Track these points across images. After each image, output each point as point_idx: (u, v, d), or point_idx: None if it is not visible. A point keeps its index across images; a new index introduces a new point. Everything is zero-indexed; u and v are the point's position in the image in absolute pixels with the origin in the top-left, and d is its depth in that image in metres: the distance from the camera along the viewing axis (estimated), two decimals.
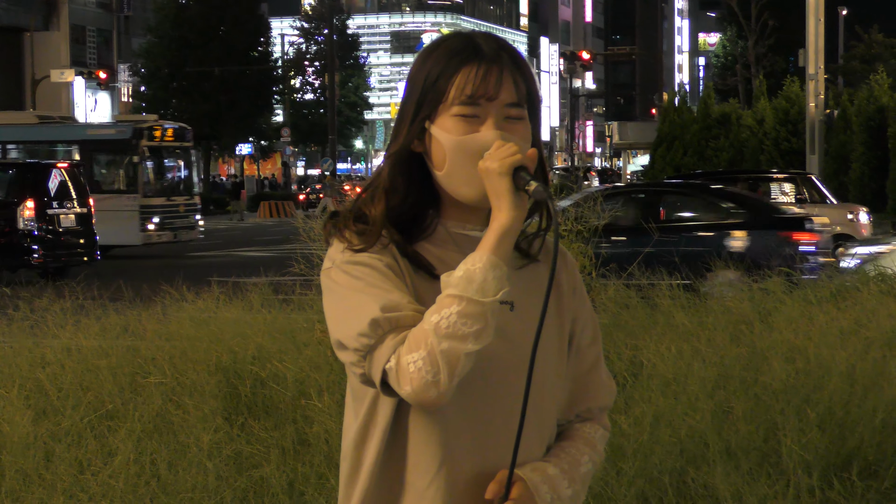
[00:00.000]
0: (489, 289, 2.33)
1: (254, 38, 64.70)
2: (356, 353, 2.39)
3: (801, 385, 7.08)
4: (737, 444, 6.40)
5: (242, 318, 9.08)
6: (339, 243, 2.48)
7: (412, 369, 2.31)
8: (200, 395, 7.27)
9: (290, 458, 6.54)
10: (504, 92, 2.48)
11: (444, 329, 2.30)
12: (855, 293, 9.93)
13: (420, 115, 2.49)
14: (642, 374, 7.49)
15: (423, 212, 2.53)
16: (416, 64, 2.55)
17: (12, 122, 34.98)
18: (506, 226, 2.37)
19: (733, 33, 67.04)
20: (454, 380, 2.32)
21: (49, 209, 24.01)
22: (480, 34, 2.53)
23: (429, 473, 2.45)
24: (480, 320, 2.32)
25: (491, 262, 2.34)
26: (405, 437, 2.47)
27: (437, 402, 2.34)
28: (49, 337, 8.94)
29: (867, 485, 6.24)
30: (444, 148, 2.46)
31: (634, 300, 9.87)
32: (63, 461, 6.37)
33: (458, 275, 2.34)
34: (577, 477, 2.57)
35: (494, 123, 2.46)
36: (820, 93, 30.07)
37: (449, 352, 2.30)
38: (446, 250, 2.51)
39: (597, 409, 2.69)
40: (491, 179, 2.39)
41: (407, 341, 2.34)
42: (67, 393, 7.42)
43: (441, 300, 2.34)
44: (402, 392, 2.34)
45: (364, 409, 2.50)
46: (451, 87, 2.47)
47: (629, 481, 6.09)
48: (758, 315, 9.26)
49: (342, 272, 2.44)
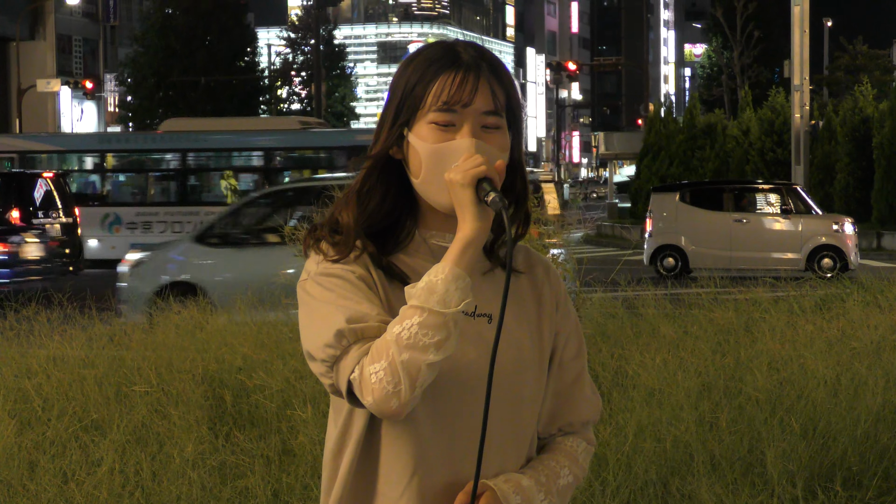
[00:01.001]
0: (451, 300, 2.33)
1: (240, 47, 64.63)
2: (323, 363, 2.41)
3: (785, 395, 7.09)
4: (721, 454, 6.40)
5: (228, 328, 9.08)
6: (315, 255, 2.49)
7: (374, 380, 2.32)
8: (186, 405, 7.27)
9: (274, 469, 6.53)
10: (480, 100, 2.47)
11: (405, 340, 2.31)
12: (840, 304, 9.96)
13: (398, 122, 2.50)
14: (626, 384, 7.50)
15: (400, 221, 2.54)
16: (397, 72, 2.55)
17: (276, 128, 33.68)
18: (469, 237, 2.37)
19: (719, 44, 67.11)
20: (416, 390, 2.32)
21: (35, 219, 23.97)
22: (462, 43, 2.54)
23: (401, 483, 2.46)
24: (442, 331, 2.32)
25: (453, 273, 2.35)
26: (378, 447, 2.47)
27: (398, 413, 2.34)
28: (34, 346, 8.93)
29: (850, 495, 6.25)
30: (420, 155, 2.46)
31: (619, 310, 9.88)
32: (47, 471, 6.36)
33: (420, 286, 2.35)
34: (553, 489, 2.56)
35: (471, 131, 2.45)
36: (805, 103, 30.15)
37: (409, 362, 2.30)
38: (422, 261, 2.51)
39: (579, 423, 2.68)
40: (455, 191, 2.39)
41: (370, 352, 2.34)
42: (52, 403, 7.41)
43: (404, 311, 2.35)
44: (365, 402, 2.35)
45: (342, 419, 2.51)
46: (429, 94, 2.47)
47: (612, 492, 6.10)
48: (742, 325, 9.28)
49: (315, 284, 2.46)
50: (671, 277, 24.40)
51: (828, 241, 24.22)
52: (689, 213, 25.17)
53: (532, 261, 2.65)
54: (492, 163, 2.41)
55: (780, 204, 24.79)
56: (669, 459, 6.38)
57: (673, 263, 25.06)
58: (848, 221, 24.68)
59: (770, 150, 37.75)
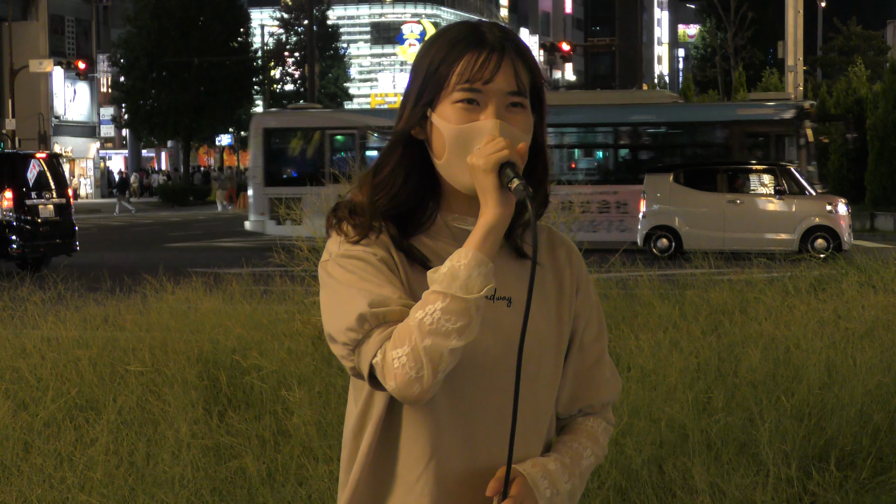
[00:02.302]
0: (473, 285, 2.32)
1: (233, 28, 64.50)
2: (345, 346, 2.40)
3: (780, 375, 7.10)
4: (715, 434, 6.41)
5: (222, 309, 9.08)
6: (336, 236, 2.48)
7: (396, 365, 2.31)
8: (180, 385, 7.26)
9: (269, 449, 6.53)
10: (503, 79, 2.46)
11: (428, 325, 2.30)
12: (834, 284, 9.97)
13: (421, 102, 2.48)
14: (621, 365, 7.50)
15: (423, 203, 2.52)
16: (420, 51, 2.54)
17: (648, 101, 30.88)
18: (491, 223, 2.36)
19: (712, 25, 66.98)
20: (438, 376, 2.32)
21: (28, 200, 23.91)
22: (487, 24, 2.52)
23: (418, 467, 2.46)
24: (464, 316, 2.31)
25: (476, 258, 2.33)
26: (398, 430, 2.47)
27: (420, 398, 2.33)
28: (29, 327, 8.93)
29: (845, 475, 6.26)
30: (444, 136, 2.45)
31: (615, 291, 9.88)
32: (42, 452, 6.36)
33: (442, 271, 2.33)
34: (577, 471, 2.58)
35: (495, 111, 2.44)
36: (799, 84, 30.15)
37: (432, 348, 2.30)
38: (444, 244, 2.50)
39: (600, 404, 2.69)
40: (477, 176, 2.38)
41: (392, 337, 2.33)
42: (47, 383, 7.40)
43: (426, 296, 2.33)
44: (388, 387, 2.34)
45: (362, 399, 2.51)
46: (453, 73, 2.45)
47: (606, 472, 6.10)
48: (737, 306, 9.28)
49: (337, 265, 2.44)
50: (665, 258, 24.42)
51: (821, 222, 24.23)
52: (682, 194, 25.16)
53: (554, 242, 2.64)
54: (514, 145, 2.39)
55: (774, 185, 24.79)
56: (664, 440, 6.38)
57: (667, 244, 25.07)
58: (841, 202, 24.68)
59: None
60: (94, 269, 14.09)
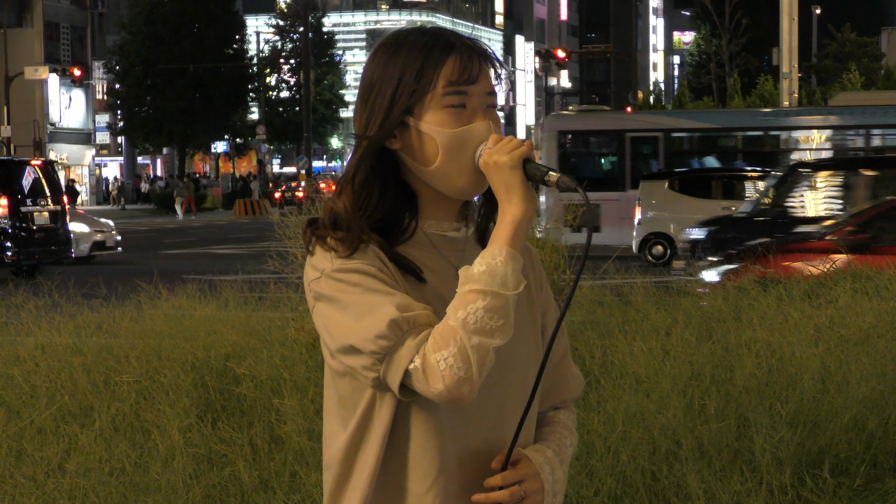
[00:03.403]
0: (510, 282, 2.33)
1: (228, 35, 64.57)
2: (372, 355, 2.34)
3: (774, 382, 7.10)
4: (709, 441, 6.41)
5: (216, 316, 9.06)
6: (323, 251, 2.43)
7: (443, 367, 2.30)
8: (174, 393, 7.25)
9: (262, 456, 6.53)
10: (484, 80, 2.47)
11: (473, 325, 2.30)
12: (828, 291, 9.95)
13: (396, 109, 2.45)
14: (614, 372, 7.49)
15: (401, 213, 2.49)
16: (379, 60, 2.49)
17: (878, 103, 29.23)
18: (520, 218, 2.37)
19: (707, 32, 67.08)
20: (483, 374, 2.32)
21: (23, 207, 23.90)
22: (439, 27, 2.53)
23: (428, 478, 2.44)
24: (505, 314, 2.33)
25: (511, 254, 2.34)
26: (406, 443, 2.45)
27: (468, 397, 2.32)
28: (23, 334, 8.91)
29: (839, 482, 6.26)
30: (438, 142, 2.43)
31: (609, 298, 9.88)
32: (34, 460, 6.35)
33: (480, 269, 2.33)
34: (566, 459, 2.63)
35: (482, 114, 2.46)
36: (794, 91, 30.17)
37: (480, 347, 2.30)
38: (426, 253, 2.48)
39: (570, 399, 2.74)
40: (501, 173, 2.38)
41: (432, 339, 2.32)
42: (40, 390, 7.39)
43: (464, 296, 2.33)
44: (433, 390, 2.31)
45: (356, 418, 2.46)
46: (439, 76, 2.44)
47: (600, 479, 6.10)
48: (731, 312, 9.28)
49: (335, 280, 2.39)
50: (660, 265, 24.43)
51: None
52: (677, 201, 25.18)
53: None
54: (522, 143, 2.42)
55: None
56: (657, 447, 6.38)
57: (662, 251, 25.08)
58: None
59: None
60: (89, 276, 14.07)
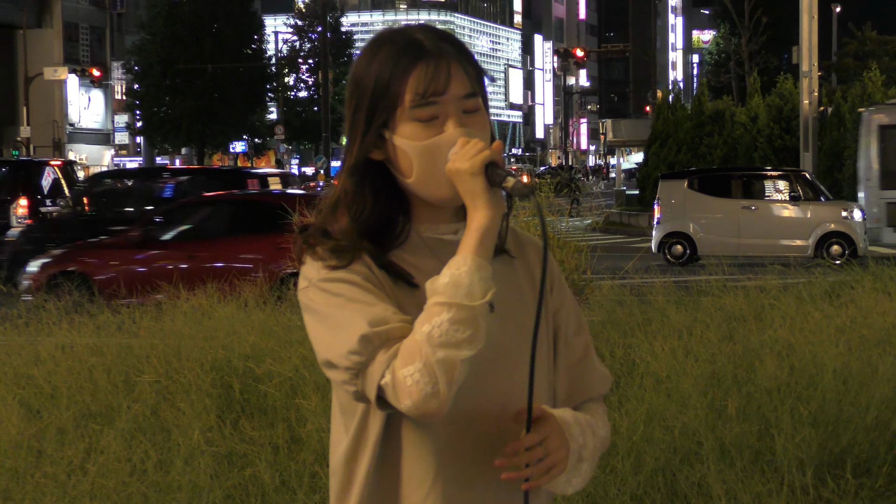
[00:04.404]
0: (477, 292, 2.27)
1: (247, 35, 64.59)
2: (348, 371, 2.32)
3: (795, 383, 7.07)
4: (730, 441, 6.39)
5: (236, 316, 9.07)
6: (313, 261, 2.40)
7: (409, 383, 2.25)
8: (194, 392, 7.26)
9: (282, 457, 6.53)
10: (456, 85, 2.39)
11: (438, 338, 2.25)
12: (849, 291, 9.93)
13: (374, 123, 2.41)
14: (636, 372, 7.48)
15: (394, 219, 2.46)
16: (359, 67, 2.45)
17: None
18: (485, 225, 2.30)
19: (727, 30, 66.89)
20: (453, 388, 2.27)
21: (42, 207, 23.97)
22: (419, 29, 2.45)
23: (424, 485, 2.40)
24: (472, 325, 2.26)
25: (476, 263, 2.28)
26: (398, 450, 2.41)
27: (438, 413, 2.28)
28: (43, 334, 8.94)
29: (860, 482, 6.24)
30: (409, 156, 2.39)
31: (629, 298, 9.87)
32: (54, 460, 6.36)
33: (444, 281, 2.28)
34: (597, 431, 2.55)
35: (456, 121, 2.38)
36: (814, 90, 30.08)
37: (445, 361, 2.25)
38: (421, 257, 2.45)
39: (597, 396, 2.67)
40: (463, 180, 2.32)
41: (400, 355, 2.28)
42: (61, 391, 7.41)
43: (429, 309, 2.28)
44: (402, 406, 2.28)
45: (354, 424, 2.44)
46: (405, 90, 2.38)
47: (622, 479, 6.08)
48: (752, 312, 9.25)
49: (320, 290, 2.37)
50: (679, 265, 24.39)
51: (837, 228, 24.18)
52: (697, 200, 25.12)
53: (522, 243, 2.60)
54: (489, 146, 2.34)
55: (789, 191, 24.76)
56: (678, 447, 6.36)
57: (681, 251, 25.02)
58: (857, 208, 24.63)
59: (778, 137, 37.64)
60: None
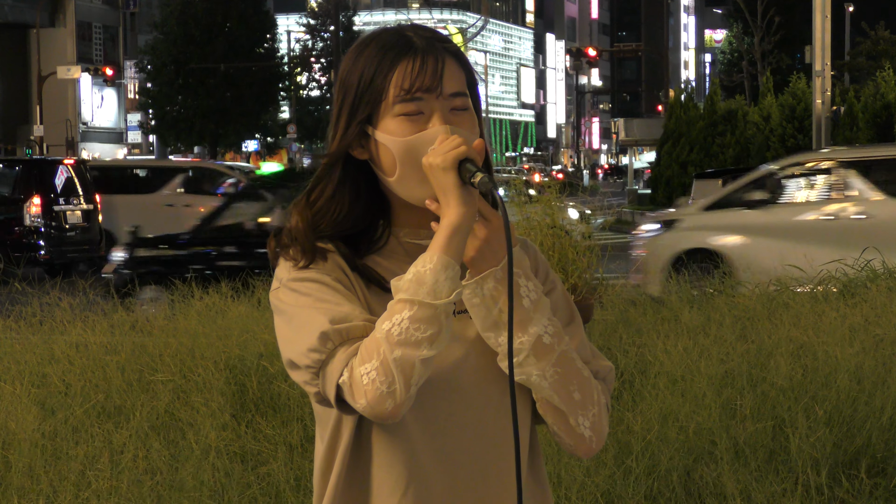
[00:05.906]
0: (441, 290, 2.20)
1: (259, 34, 64.66)
2: (308, 370, 2.27)
3: (809, 382, 7.07)
4: (745, 441, 6.38)
5: (250, 315, 9.09)
6: (285, 262, 2.35)
7: (366, 381, 2.19)
8: (208, 391, 7.27)
9: (296, 455, 6.53)
10: (444, 83, 2.34)
11: (396, 336, 2.18)
12: (864, 290, 9.91)
13: (357, 119, 2.35)
14: (649, 372, 7.48)
15: (373, 222, 2.40)
16: (346, 63, 2.40)
17: None
18: (455, 223, 2.23)
19: (739, 30, 66.79)
20: (411, 389, 2.19)
21: (56, 206, 24.02)
22: (411, 27, 2.41)
23: (395, 494, 2.32)
24: (434, 324, 2.19)
25: (442, 262, 2.21)
26: (368, 459, 2.34)
27: (394, 414, 2.20)
28: (57, 333, 8.95)
29: (875, 482, 6.22)
30: (392, 152, 2.32)
31: (641, 297, 9.86)
32: (70, 458, 6.37)
33: (407, 278, 2.22)
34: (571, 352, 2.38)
35: (441, 117, 2.31)
36: (826, 89, 30.01)
37: (402, 360, 2.17)
38: (398, 262, 2.37)
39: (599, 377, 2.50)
40: (435, 175, 2.24)
41: (359, 352, 2.21)
42: (75, 389, 7.42)
43: (392, 306, 2.22)
44: (358, 406, 2.21)
45: (328, 432, 2.38)
46: (389, 85, 2.32)
47: (637, 479, 6.08)
48: (766, 312, 9.24)
49: (290, 290, 2.32)
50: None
51: None
52: None
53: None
54: (470, 143, 2.28)
55: None
56: (693, 447, 6.36)
57: None
58: None
59: (791, 137, 37.61)
60: None
